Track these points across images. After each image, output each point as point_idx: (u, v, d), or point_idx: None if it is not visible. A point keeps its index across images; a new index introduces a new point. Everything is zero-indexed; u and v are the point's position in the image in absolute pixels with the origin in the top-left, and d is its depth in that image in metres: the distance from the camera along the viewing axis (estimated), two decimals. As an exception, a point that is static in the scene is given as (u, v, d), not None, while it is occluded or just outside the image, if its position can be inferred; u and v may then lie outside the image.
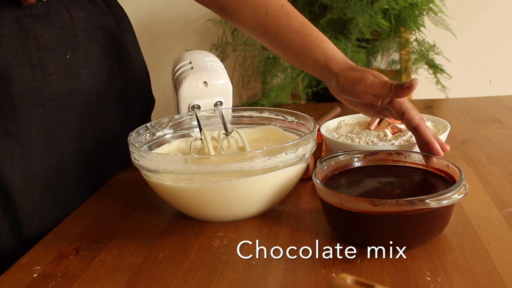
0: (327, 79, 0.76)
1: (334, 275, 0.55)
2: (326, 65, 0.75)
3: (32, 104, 0.72)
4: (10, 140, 0.70)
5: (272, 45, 0.82)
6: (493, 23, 1.74)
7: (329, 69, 0.75)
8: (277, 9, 0.80)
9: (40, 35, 0.73)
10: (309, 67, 0.79)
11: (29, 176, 0.73)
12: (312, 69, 0.78)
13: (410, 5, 1.41)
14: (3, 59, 0.70)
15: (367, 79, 0.70)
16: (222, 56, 1.63)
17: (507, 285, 0.51)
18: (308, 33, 0.78)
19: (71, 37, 0.76)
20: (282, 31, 0.79)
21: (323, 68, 0.76)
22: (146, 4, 1.80)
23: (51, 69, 0.73)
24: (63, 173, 0.77)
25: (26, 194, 0.73)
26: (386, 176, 0.70)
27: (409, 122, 0.70)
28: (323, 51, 0.76)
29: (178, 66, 0.85)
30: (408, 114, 0.70)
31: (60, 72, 0.74)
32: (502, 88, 1.77)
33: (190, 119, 0.83)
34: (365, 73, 0.71)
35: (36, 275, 0.59)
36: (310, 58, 0.77)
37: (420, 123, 0.70)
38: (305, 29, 0.79)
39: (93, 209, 0.76)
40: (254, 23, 0.81)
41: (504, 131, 0.98)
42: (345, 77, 0.72)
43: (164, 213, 0.73)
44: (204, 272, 0.58)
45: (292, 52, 0.79)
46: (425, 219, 0.57)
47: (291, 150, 0.66)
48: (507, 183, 0.75)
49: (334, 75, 0.74)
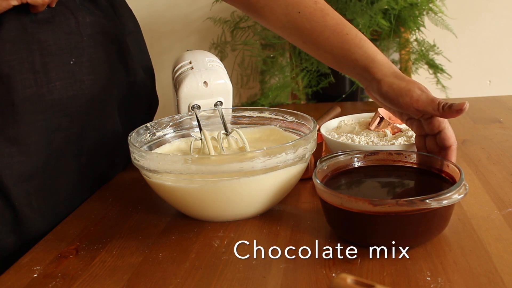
0: (368, 81, 0.72)
1: (334, 275, 0.55)
2: (367, 67, 0.71)
3: (33, 110, 0.71)
4: (10, 145, 0.70)
5: (306, 44, 0.78)
6: (493, 23, 1.74)
7: (370, 72, 0.71)
8: (310, 5, 0.76)
9: (44, 40, 0.72)
10: (348, 67, 0.75)
11: (28, 181, 0.72)
12: (351, 69, 0.74)
13: (410, 5, 1.41)
14: (7, 64, 0.68)
15: (414, 93, 0.67)
16: (221, 55, 1.63)
17: (507, 285, 0.51)
18: (345, 31, 0.74)
19: (77, 42, 0.75)
20: (317, 29, 0.75)
21: (364, 70, 0.72)
22: (146, 4, 1.80)
23: (54, 75, 0.72)
24: (62, 177, 0.76)
25: (25, 199, 0.72)
26: (386, 176, 0.70)
27: (443, 141, 0.68)
28: (363, 51, 0.72)
29: (178, 66, 0.85)
30: (444, 134, 0.68)
31: (63, 78, 0.73)
32: (502, 88, 1.77)
33: (190, 119, 0.83)
34: (412, 84, 0.68)
35: (36, 275, 0.59)
36: (349, 59, 0.73)
37: (453, 144, 0.68)
38: (342, 27, 0.75)
39: (93, 209, 0.76)
40: (286, 21, 0.78)
41: (504, 131, 0.98)
42: (390, 86, 0.69)
43: (164, 213, 0.73)
44: (204, 272, 0.58)
45: (328, 51, 0.75)
46: (425, 219, 0.57)
47: (291, 150, 0.66)
48: (507, 183, 0.75)
49: (376, 80, 0.70)
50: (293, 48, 1.51)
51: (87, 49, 0.76)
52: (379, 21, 1.38)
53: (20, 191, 0.71)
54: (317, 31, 0.76)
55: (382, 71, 0.71)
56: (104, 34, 0.80)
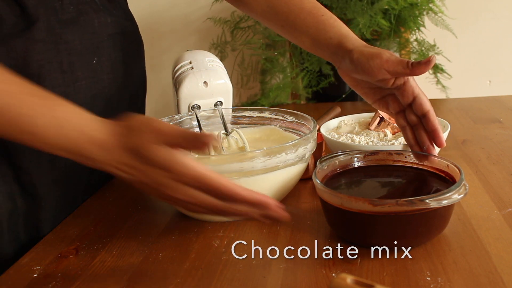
0: (340, 58, 0.74)
1: (334, 275, 0.55)
2: (340, 43, 0.74)
3: None
4: None
5: (284, 27, 0.82)
6: (493, 23, 1.74)
7: (343, 47, 0.74)
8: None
9: (71, 40, 0.72)
10: (323, 46, 0.77)
11: (53, 180, 0.73)
12: (326, 48, 0.77)
13: (410, 5, 1.41)
14: (37, 64, 0.69)
15: (383, 55, 0.69)
16: (221, 55, 1.63)
17: (507, 285, 0.51)
18: (321, 13, 0.78)
19: (99, 42, 0.76)
20: (294, 11, 0.79)
21: (337, 46, 0.75)
22: (146, 4, 1.80)
23: (80, 75, 0.73)
24: (74, 175, 0.77)
25: (51, 199, 0.73)
26: (386, 176, 0.70)
27: (420, 107, 0.70)
28: (337, 29, 0.76)
29: (178, 66, 0.85)
30: (420, 99, 0.70)
31: (88, 77, 0.74)
32: (502, 88, 1.77)
33: (190, 119, 0.83)
34: (382, 50, 0.71)
35: (36, 275, 0.59)
36: (324, 37, 0.76)
37: (431, 109, 0.70)
38: (317, 10, 0.79)
39: (93, 209, 0.76)
40: (266, 6, 0.81)
41: (504, 131, 0.98)
42: (361, 52, 0.71)
43: (164, 213, 0.73)
44: (204, 272, 0.58)
45: (304, 32, 0.79)
46: (425, 219, 0.57)
47: (291, 150, 0.66)
48: (507, 183, 0.75)
49: (348, 52, 0.73)
50: (293, 48, 1.51)
51: (106, 49, 0.78)
52: (379, 21, 1.38)
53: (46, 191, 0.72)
54: (294, 13, 0.79)
55: (354, 44, 0.73)
56: (123, 35, 0.81)
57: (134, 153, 0.53)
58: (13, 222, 0.70)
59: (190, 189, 0.53)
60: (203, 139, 0.51)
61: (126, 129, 0.53)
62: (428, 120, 0.70)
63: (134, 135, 0.53)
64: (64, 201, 0.76)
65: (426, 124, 0.70)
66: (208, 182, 0.53)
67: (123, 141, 0.53)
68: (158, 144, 0.52)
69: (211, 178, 0.53)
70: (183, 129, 0.53)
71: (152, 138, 0.52)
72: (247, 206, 0.55)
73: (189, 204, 0.55)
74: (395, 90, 0.71)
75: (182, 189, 0.53)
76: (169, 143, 0.52)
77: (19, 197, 0.71)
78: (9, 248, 0.71)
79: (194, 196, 0.54)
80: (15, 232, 0.71)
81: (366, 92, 0.75)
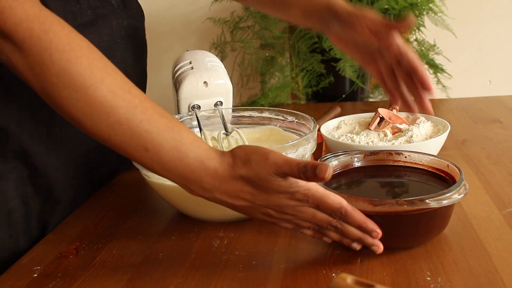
0: (329, 21, 0.77)
1: (334, 275, 0.55)
2: (328, 6, 0.77)
3: None
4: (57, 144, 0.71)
5: (274, 3, 0.84)
6: (493, 23, 1.74)
7: (331, 9, 0.77)
8: None
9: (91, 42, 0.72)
10: (313, 14, 0.80)
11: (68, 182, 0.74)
12: (315, 15, 0.79)
13: (410, 5, 1.41)
14: None
15: (368, 13, 0.73)
16: (221, 55, 1.63)
17: (507, 285, 0.51)
18: None
19: (114, 44, 0.77)
20: None
21: (326, 10, 0.77)
22: (146, 4, 1.79)
23: None
24: (78, 173, 0.77)
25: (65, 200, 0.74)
26: (386, 176, 0.70)
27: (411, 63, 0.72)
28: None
29: (178, 66, 0.85)
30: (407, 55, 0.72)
31: None
32: (502, 88, 1.77)
33: (190, 119, 0.83)
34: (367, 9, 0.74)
35: (36, 275, 0.59)
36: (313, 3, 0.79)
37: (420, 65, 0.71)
38: None
39: (93, 209, 0.76)
40: None
41: (504, 131, 0.98)
42: (347, 11, 0.75)
43: (164, 213, 0.73)
44: (204, 272, 0.58)
45: (295, 5, 0.81)
46: (425, 219, 0.57)
47: (291, 150, 0.66)
48: (507, 183, 0.75)
49: (335, 13, 0.76)
50: (292, 48, 1.51)
51: (119, 50, 0.78)
52: (379, 21, 1.38)
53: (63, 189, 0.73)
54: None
55: (341, 5, 0.77)
56: (134, 36, 0.82)
57: (250, 183, 0.54)
58: (26, 223, 0.71)
59: (310, 209, 0.55)
60: (320, 174, 0.51)
61: (239, 160, 0.54)
62: (422, 77, 0.71)
63: (249, 166, 0.54)
64: (76, 202, 0.77)
65: (416, 78, 0.71)
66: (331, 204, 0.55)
67: (236, 171, 0.54)
68: (276, 176, 0.53)
69: (336, 200, 0.55)
70: (296, 162, 0.53)
71: (269, 170, 0.53)
72: (358, 229, 0.56)
73: (305, 222, 0.56)
74: (383, 50, 0.74)
75: (305, 210, 0.55)
76: (285, 174, 0.53)
77: (33, 199, 0.71)
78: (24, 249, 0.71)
79: (315, 215, 0.55)
80: (29, 233, 0.71)
81: (355, 53, 0.78)
